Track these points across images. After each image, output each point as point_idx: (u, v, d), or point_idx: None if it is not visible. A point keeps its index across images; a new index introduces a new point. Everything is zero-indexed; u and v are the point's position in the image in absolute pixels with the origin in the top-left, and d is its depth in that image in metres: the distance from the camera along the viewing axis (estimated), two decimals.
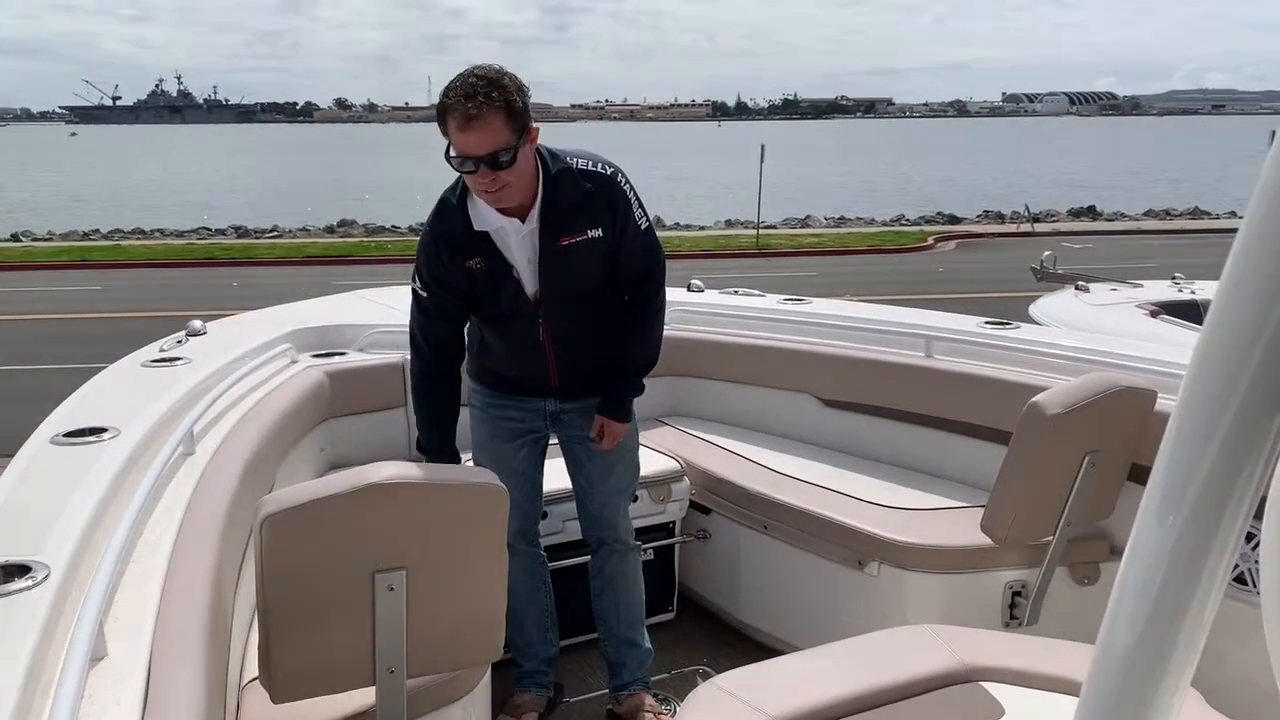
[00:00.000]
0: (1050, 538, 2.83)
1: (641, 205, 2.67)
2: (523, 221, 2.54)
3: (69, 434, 2.27)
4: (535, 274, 2.59)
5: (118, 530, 1.76)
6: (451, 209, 2.56)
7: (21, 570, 1.57)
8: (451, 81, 2.37)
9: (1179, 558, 0.66)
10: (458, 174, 2.50)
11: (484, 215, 2.54)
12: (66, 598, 1.56)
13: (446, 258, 2.57)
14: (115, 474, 2.03)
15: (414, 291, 2.69)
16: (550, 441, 2.93)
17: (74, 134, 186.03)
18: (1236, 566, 2.49)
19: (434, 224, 2.60)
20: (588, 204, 2.55)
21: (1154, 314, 5.74)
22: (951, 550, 2.96)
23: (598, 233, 2.57)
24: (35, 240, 24.33)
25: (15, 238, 24.53)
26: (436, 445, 2.74)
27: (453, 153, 2.39)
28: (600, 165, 2.61)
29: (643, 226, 2.67)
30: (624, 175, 2.63)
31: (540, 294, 2.62)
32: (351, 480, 1.84)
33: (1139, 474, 2.87)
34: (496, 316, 2.70)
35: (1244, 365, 0.60)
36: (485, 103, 2.31)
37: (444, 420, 2.75)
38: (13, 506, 1.90)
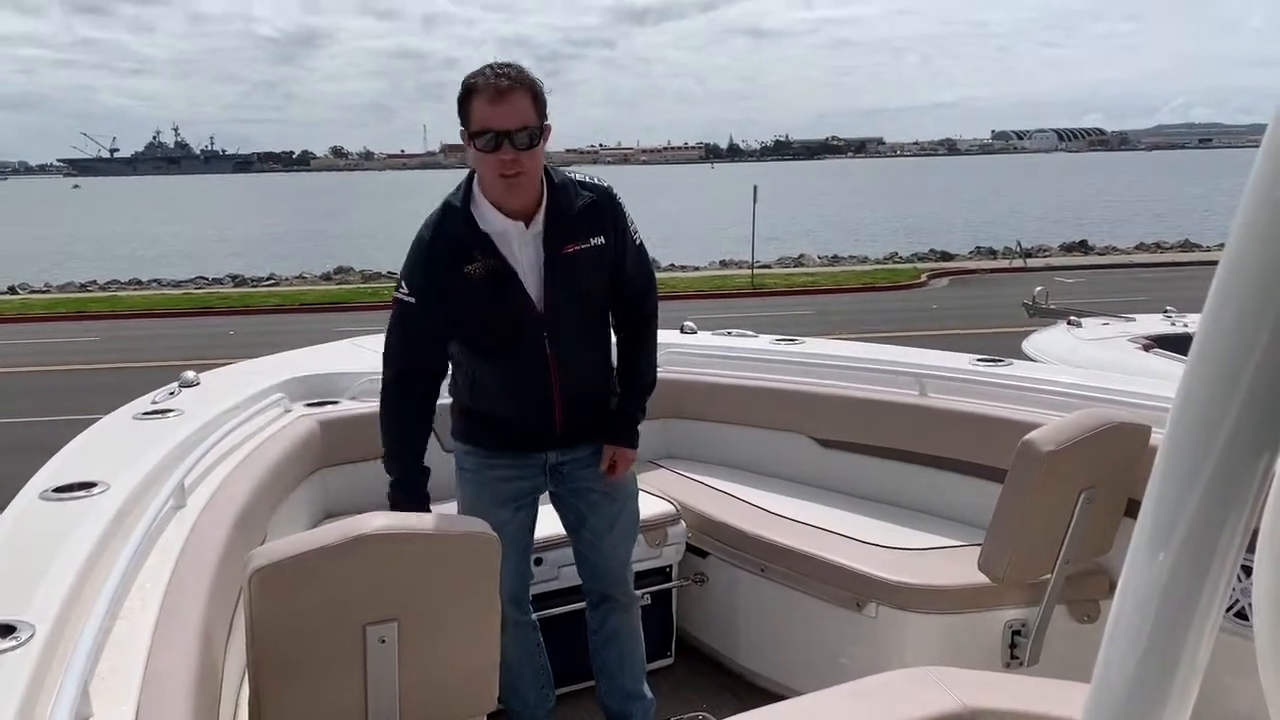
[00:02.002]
0: (1049, 576, 2.81)
1: (634, 223, 2.70)
2: (527, 226, 2.52)
3: (59, 489, 2.25)
4: (540, 281, 2.54)
5: (105, 587, 1.74)
6: (454, 210, 2.52)
7: (6, 630, 1.55)
8: (475, 70, 2.44)
9: (1172, 594, 0.65)
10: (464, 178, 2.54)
11: (488, 218, 2.51)
12: (52, 657, 1.53)
13: (446, 259, 2.49)
14: (104, 529, 2.01)
15: (398, 300, 2.55)
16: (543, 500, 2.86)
17: (76, 186, 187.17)
18: (1236, 601, 2.48)
19: (436, 225, 2.52)
20: (590, 212, 2.57)
21: (1147, 348, 5.74)
22: (950, 590, 2.94)
23: (600, 240, 2.57)
24: (32, 292, 24.40)
25: (12, 290, 24.60)
26: (399, 475, 2.59)
27: (476, 129, 2.40)
28: (596, 179, 2.66)
29: (637, 242, 2.70)
30: (616, 194, 2.67)
31: (545, 303, 2.55)
32: (341, 532, 1.82)
33: (1136, 509, 2.85)
34: (500, 334, 2.58)
35: (1231, 395, 0.59)
36: (516, 80, 2.38)
37: (410, 446, 2.61)
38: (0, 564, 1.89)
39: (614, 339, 2.82)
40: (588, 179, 2.64)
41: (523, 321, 2.55)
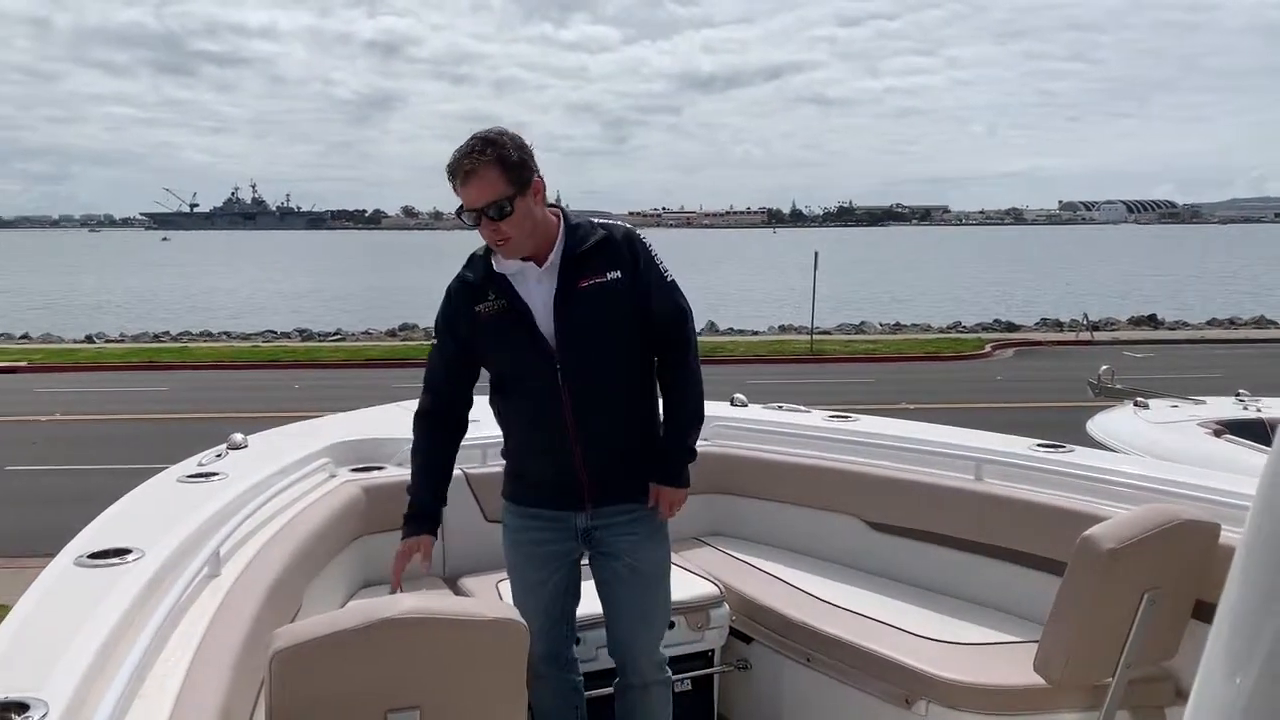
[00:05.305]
0: (1110, 680, 2.66)
1: (662, 262, 2.72)
2: (540, 265, 2.61)
3: (94, 555, 2.25)
4: (551, 317, 2.59)
5: (126, 663, 1.72)
6: (476, 258, 2.69)
7: (19, 708, 1.53)
8: (454, 151, 2.56)
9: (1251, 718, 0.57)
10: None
11: (504, 261, 2.63)
12: None
13: (460, 302, 2.67)
14: (133, 600, 1.99)
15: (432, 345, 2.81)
16: (584, 562, 2.84)
17: (165, 239, 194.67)
18: None
19: (460, 272, 2.70)
20: (605, 248, 2.62)
21: (1218, 433, 5.51)
22: (1004, 690, 2.80)
23: (616, 274, 2.61)
24: (108, 341, 25.17)
25: (89, 339, 25.43)
26: (410, 501, 2.76)
27: (459, 208, 2.56)
28: (617, 222, 2.73)
29: (668, 279, 2.71)
30: (641, 235, 2.72)
31: (557, 339, 2.59)
32: (365, 614, 1.78)
33: (1204, 611, 2.71)
34: (517, 373, 2.66)
35: None
36: (479, 158, 2.48)
37: (431, 466, 2.77)
38: (25, 634, 1.87)
39: (656, 395, 2.78)
40: (608, 221, 2.71)
41: (536, 360, 2.60)
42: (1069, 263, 76.91)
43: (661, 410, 2.80)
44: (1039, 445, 3.62)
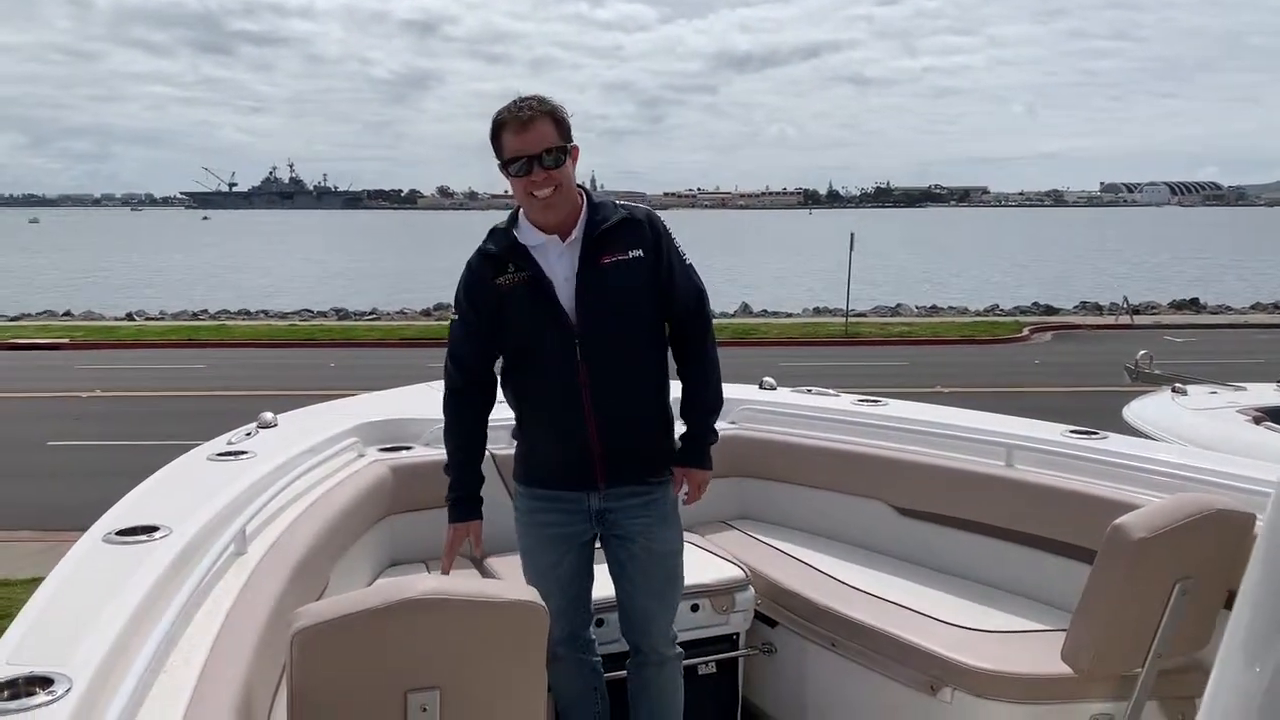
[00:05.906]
0: (1139, 669, 2.63)
1: (680, 244, 2.77)
2: (564, 240, 2.63)
3: (121, 532, 2.28)
4: (573, 291, 2.61)
5: (151, 638, 1.74)
6: (498, 231, 2.71)
7: (44, 683, 1.55)
8: (502, 107, 2.61)
9: (1270, 709, 0.56)
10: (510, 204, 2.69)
11: (527, 233, 2.66)
12: (89, 715, 1.52)
13: (481, 274, 2.67)
14: (158, 577, 2.02)
15: (451, 321, 2.81)
16: (597, 545, 2.84)
17: (206, 218, 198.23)
18: None
19: (481, 245, 2.72)
20: (627, 227, 2.67)
21: (1257, 420, 5.40)
22: (1031, 679, 2.77)
23: (638, 253, 2.65)
24: (148, 319, 25.54)
25: (130, 316, 25.83)
26: (451, 483, 2.76)
27: (508, 157, 2.57)
28: (637, 205, 2.77)
29: (686, 261, 2.76)
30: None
31: (578, 314, 2.60)
32: (386, 594, 1.79)
33: None
34: (533, 346, 2.65)
35: None
36: (536, 107, 2.56)
37: (470, 446, 2.78)
38: (51, 610, 1.89)
39: (669, 377, 2.79)
40: (628, 203, 2.76)
41: (556, 333, 2.61)
42: (1110, 245, 75.71)
43: (676, 392, 2.81)
44: (1071, 431, 3.56)
